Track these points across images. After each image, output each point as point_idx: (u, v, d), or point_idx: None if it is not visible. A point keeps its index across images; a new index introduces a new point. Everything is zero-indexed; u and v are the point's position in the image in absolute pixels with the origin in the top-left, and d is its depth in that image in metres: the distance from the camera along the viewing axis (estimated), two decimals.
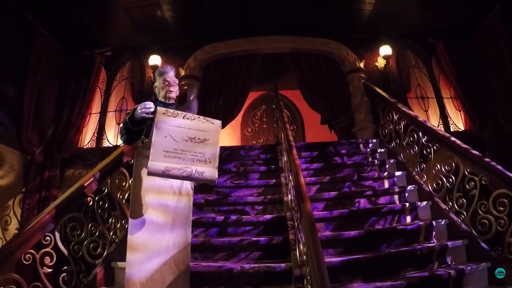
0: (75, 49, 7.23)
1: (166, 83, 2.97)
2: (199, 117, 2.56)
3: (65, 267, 2.98)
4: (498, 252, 3.09)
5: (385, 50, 7.18)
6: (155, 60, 7.17)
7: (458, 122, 7.25)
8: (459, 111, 7.29)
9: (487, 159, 3.33)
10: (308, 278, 2.33)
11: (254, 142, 10.06)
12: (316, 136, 9.34)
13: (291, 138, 4.12)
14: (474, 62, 7.13)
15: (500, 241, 3.07)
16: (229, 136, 9.67)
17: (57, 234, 2.94)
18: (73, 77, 7.10)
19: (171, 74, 3.01)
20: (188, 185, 2.78)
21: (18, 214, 5.78)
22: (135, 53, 7.63)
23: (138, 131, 2.68)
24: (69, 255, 3.05)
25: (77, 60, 7.26)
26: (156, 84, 3.04)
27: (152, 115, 2.50)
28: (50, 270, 2.82)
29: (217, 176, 2.57)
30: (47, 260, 2.81)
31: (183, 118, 2.49)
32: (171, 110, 2.49)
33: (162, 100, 2.96)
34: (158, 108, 2.46)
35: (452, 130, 7.07)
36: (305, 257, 2.50)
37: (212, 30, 7.26)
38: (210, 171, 2.52)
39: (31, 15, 6.26)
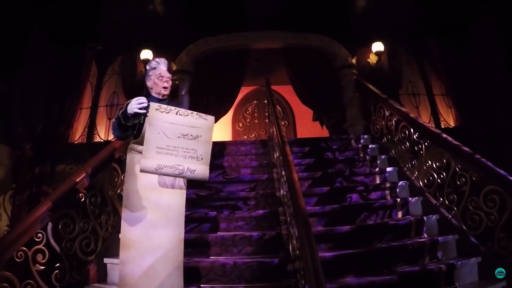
0: (66, 43, 7.14)
1: (161, 78, 2.86)
2: (192, 113, 2.53)
3: (58, 264, 2.95)
4: (489, 247, 3.13)
5: (377, 46, 7.20)
6: (146, 54, 7.12)
7: (448, 118, 7.31)
8: (450, 108, 7.34)
9: (477, 156, 3.36)
10: (302, 272, 2.34)
11: (246, 137, 10.10)
12: (307, 131, 9.40)
13: (283, 133, 4.13)
14: (466, 59, 7.12)
15: (490, 236, 3.10)
16: (220, 131, 9.64)
17: (49, 231, 2.91)
18: (63, 72, 7.01)
19: (164, 69, 2.90)
20: (181, 181, 2.75)
21: (8, 210, 5.72)
22: (127, 47, 7.55)
23: (130, 126, 2.64)
24: (62, 252, 3.02)
25: (68, 54, 7.15)
26: (150, 78, 2.90)
27: (145, 111, 2.47)
28: (42, 267, 2.80)
29: (208, 173, 2.57)
30: (39, 257, 2.78)
31: (176, 114, 2.47)
32: (164, 106, 2.47)
33: (155, 95, 2.88)
34: (151, 104, 2.44)
35: (442, 126, 7.13)
36: (298, 251, 2.51)
37: (205, 24, 7.22)
38: (201, 169, 2.52)
39: (22, 9, 6.17)
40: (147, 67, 2.95)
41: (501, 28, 6.34)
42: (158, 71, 2.88)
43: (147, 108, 2.44)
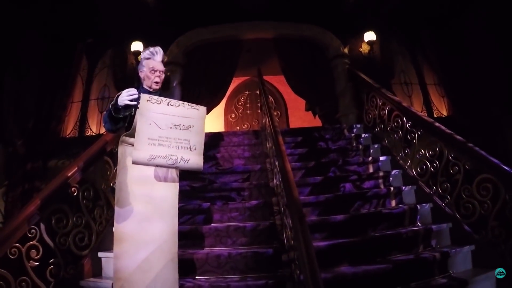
0: (56, 37, 7.01)
1: (153, 72, 2.76)
2: (183, 103, 2.51)
3: (52, 260, 2.93)
4: (482, 235, 3.16)
5: (370, 36, 7.17)
6: (137, 46, 7.05)
7: (441, 108, 7.33)
8: (443, 97, 7.36)
9: (470, 145, 3.37)
10: (297, 262, 2.34)
11: (238, 128, 10.09)
12: (300, 121, 9.41)
13: (276, 123, 4.12)
14: (459, 48, 7.10)
15: (484, 225, 3.13)
16: (212, 122, 9.66)
17: (42, 226, 2.89)
18: (54, 66, 6.87)
19: (158, 61, 2.80)
20: (173, 172, 2.72)
21: (1, 207, 5.67)
22: (117, 40, 7.44)
23: (121, 118, 2.60)
24: (56, 247, 3.00)
25: (58, 48, 7.01)
26: (143, 69, 2.79)
27: (136, 102, 2.42)
28: (36, 263, 2.78)
29: (202, 163, 2.54)
30: (33, 253, 2.76)
31: (168, 104, 2.44)
32: (155, 97, 2.44)
33: (146, 87, 2.79)
34: (142, 95, 2.41)
35: (435, 115, 7.16)
36: (292, 242, 2.51)
37: (196, 15, 7.13)
38: (195, 159, 2.49)
39: (13, 5, 6.05)
40: (141, 57, 2.85)
41: (494, 18, 6.32)
42: (152, 64, 2.77)
43: (138, 99, 2.40)
